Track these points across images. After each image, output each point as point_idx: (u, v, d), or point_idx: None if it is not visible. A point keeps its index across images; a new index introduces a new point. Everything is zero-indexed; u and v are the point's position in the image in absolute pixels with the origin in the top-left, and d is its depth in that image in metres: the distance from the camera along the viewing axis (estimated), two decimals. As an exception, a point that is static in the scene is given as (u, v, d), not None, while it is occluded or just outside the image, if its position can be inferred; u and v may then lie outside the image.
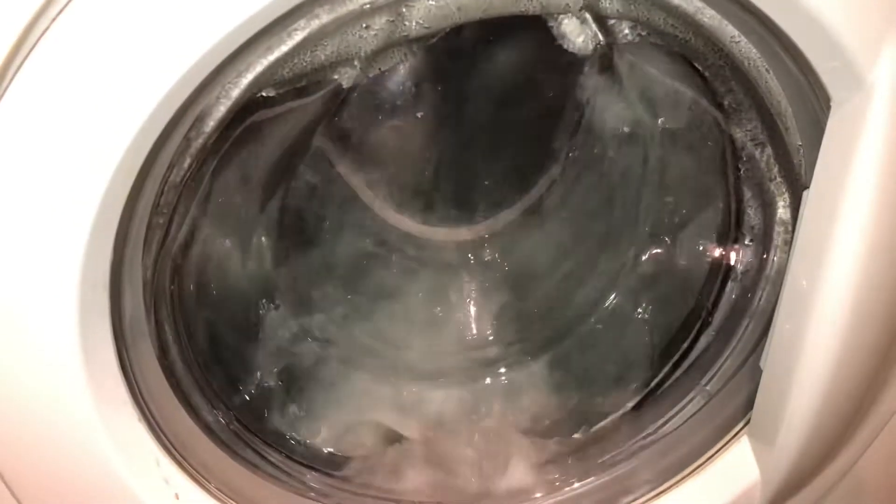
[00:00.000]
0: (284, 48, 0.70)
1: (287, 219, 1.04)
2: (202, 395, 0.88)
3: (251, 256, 0.98)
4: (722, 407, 0.99)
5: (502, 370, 1.14)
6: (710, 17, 0.76)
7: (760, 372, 0.91)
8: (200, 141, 0.72)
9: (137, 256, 0.75)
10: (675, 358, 1.08)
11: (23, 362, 0.69)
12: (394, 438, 1.03)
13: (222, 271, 0.94)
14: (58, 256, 0.65)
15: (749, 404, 0.94)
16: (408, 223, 1.14)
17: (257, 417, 0.95)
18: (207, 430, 0.88)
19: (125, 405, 0.78)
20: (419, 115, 0.98)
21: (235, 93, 0.70)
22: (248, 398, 0.96)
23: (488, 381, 1.15)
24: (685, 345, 1.07)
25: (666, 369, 1.08)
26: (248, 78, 0.70)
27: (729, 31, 0.77)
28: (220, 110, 0.71)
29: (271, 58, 0.70)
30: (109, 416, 0.74)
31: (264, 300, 1.03)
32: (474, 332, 1.18)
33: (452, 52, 0.88)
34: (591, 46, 0.81)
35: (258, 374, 0.99)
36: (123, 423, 0.77)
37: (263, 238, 1.00)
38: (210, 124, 0.71)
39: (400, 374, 1.12)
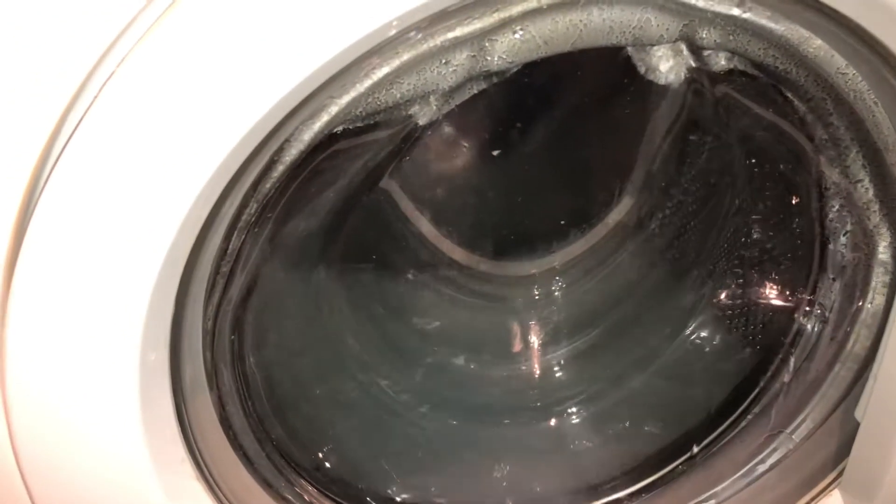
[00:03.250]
0: (361, 87, 0.65)
1: (350, 261, 1.00)
2: (261, 450, 0.83)
3: (313, 302, 0.93)
4: (809, 457, 0.94)
5: (571, 409, 1.10)
6: (816, 48, 0.70)
7: (854, 421, 0.85)
8: (268, 185, 0.68)
9: (199, 308, 0.72)
10: (750, 399, 1.02)
11: (81, 422, 0.65)
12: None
13: (284, 318, 0.88)
14: (119, 319, 0.61)
15: (840, 455, 0.89)
16: (475, 260, 1.10)
17: (324, 474, 0.90)
18: (266, 485, 0.84)
19: (183, 463, 0.74)
20: (495, 153, 0.92)
21: (308, 135, 0.66)
22: (313, 455, 0.91)
23: (553, 422, 1.10)
24: (760, 385, 1.02)
25: (739, 410, 1.03)
26: (322, 119, 0.65)
27: (836, 62, 0.71)
28: (292, 153, 0.66)
29: (347, 98, 0.65)
30: (167, 475, 0.71)
31: (327, 347, 0.97)
32: (538, 371, 1.14)
33: (531, 85, 0.83)
34: (682, 78, 0.75)
35: (326, 429, 0.94)
36: (181, 481, 0.74)
37: (326, 282, 0.95)
38: (279, 169, 0.67)
39: (462, 413, 1.07)
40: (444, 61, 0.67)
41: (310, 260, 0.93)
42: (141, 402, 0.65)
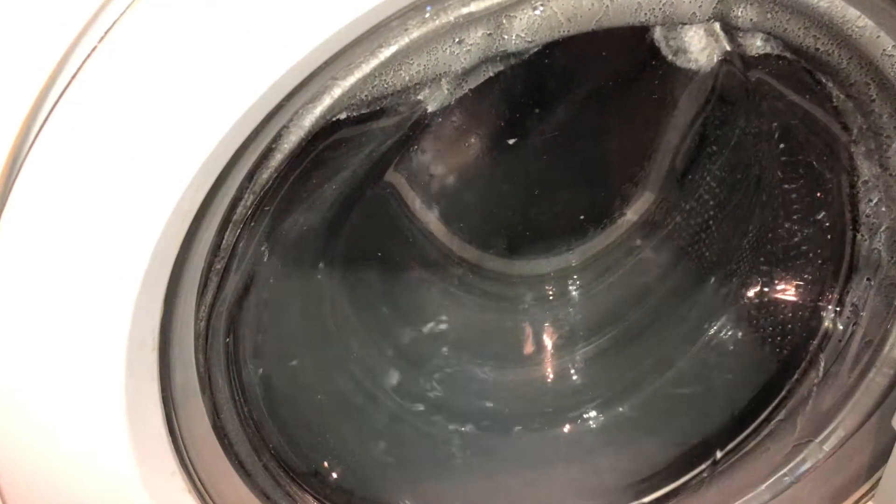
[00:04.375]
0: (367, 68, 0.60)
1: (353, 259, 0.95)
2: (258, 459, 0.78)
3: (314, 302, 0.89)
4: (840, 468, 0.90)
5: (587, 415, 1.05)
6: (861, 27, 0.65)
7: (890, 431, 0.82)
8: (266, 176, 0.63)
9: (190, 307, 0.67)
10: (775, 403, 0.98)
11: (63, 432, 0.61)
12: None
13: (283, 320, 0.84)
14: (103, 317, 0.56)
15: (874, 467, 0.86)
16: (487, 258, 1.05)
17: (326, 484, 0.85)
18: (264, 497, 0.80)
19: (173, 475, 0.70)
20: (510, 142, 0.87)
21: (308, 121, 0.61)
22: (315, 464, 0.86)
23: (568, 428, 1.05)
24: (786, 388, 0.97)
25: (763, 415, 0.98)
26: (324, 103, 0.60)
27: (882, 42, 0.66)
28: (291, 140, 0.61)
29: (351, 80, 0.60)
30: (156, 488, 0.67)
31: (329, 350, 0.93)
32: (552, 374, 1.09)
33: (550, 68, 0.77)
34: (714, 61, 0.70)
35: (328, 436, 0.89)
36: (172, 494, 0.70)
37: (327, 281, 0.90)
38: (278, 157, 0.61)
39: (472, 420, 1.03)
40: (457, 40, 0.62)
41: (310, 257, 0.88)
42: (128, 409, 0.61)
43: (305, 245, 0.85)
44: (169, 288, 0.60)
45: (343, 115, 0.66)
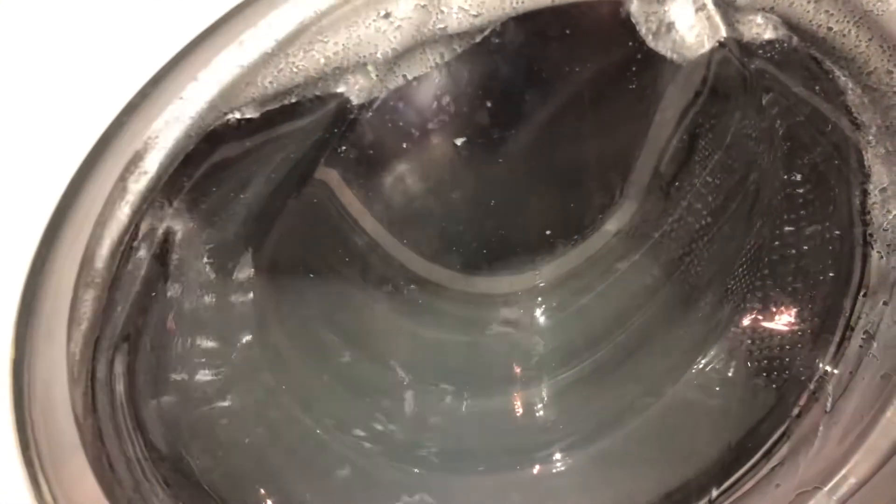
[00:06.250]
0: (264, 46, 0.49)
1: (283, 276, 0.86)
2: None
3: (234, 327, 0.80)
4: None
5: (557, 456, 0.97)
6: (886, 2, 0.55)
7: None
8: (144, 184, 0.52)
9: (58, 349, 0.57)
10: (772, 441, 0.91)
11: None
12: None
13: (193, 352, 0.75)
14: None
15: None
16: (442, 275, 0.97)
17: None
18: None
19: None
20: (458, 141, 0.79)
21: (191, 113, 0.49)
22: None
23: (537, 469, 0.98)
24: (785, 425, 0.90)
25: (758, 455, 0.91)
26: (209, 92, 0.51)
27: (913, 20, 0.55)
28: (170, 139, 0.50)
29: (244, 62, 0.50)
30: None
31: (256, 384, 0.84)
32: (520, 409, 1.01)
33: (504, 53, 0.70)
34: (706, 46, 0.59)
35: (256, 485, 0.81)
36: None
37: (251, 302, 0.82)
38: (156, 161, 0.49)
39: (428, 459, 0.96)
40: (382, 13, 0.53)
41: (225, 276, 0.78)
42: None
43: (219, 262, 0.75)
44: (18, 328, 0.52)
45: (250, 113, 0.55)
